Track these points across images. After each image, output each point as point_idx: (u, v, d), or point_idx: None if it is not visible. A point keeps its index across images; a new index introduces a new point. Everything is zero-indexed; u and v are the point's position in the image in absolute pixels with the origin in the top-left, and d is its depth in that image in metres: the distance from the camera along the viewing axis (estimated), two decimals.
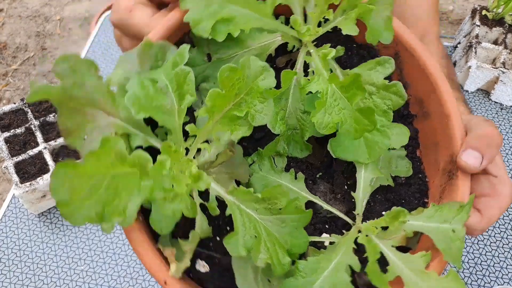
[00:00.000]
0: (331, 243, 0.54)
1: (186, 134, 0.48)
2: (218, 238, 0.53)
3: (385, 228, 0.56)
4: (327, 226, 0.56)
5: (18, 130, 0.96)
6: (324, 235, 0.55)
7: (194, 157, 0.48)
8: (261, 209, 0.46)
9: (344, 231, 0.56)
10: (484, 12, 1.19)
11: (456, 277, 0.48)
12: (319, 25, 0.57)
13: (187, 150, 0.48)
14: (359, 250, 0.54)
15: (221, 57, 0.54)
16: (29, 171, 0.92)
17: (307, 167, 0.58)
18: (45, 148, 0.93)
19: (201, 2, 0.50)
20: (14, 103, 1.00)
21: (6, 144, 0.94)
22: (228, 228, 0.54)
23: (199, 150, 0.49)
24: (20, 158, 0.92)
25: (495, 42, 1.16)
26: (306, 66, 0.57)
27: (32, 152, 0.93)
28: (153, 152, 0.46)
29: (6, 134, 0.95)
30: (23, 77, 2.45)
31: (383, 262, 0.55)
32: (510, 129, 1.10)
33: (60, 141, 0.94)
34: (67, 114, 0.44)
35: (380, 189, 0.59)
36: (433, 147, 0.63)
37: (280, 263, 0.45)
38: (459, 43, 1.24)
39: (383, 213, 0.58)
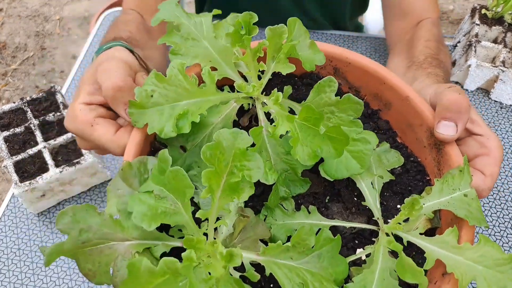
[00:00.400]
0: (367, 255, 0.56)
1: (197, 222, 0.50)
2: None
3: (406, 220, 0.58)
4: (357, 242, 0.59)
5: (18, 129, 0.95)
6: (358, 250, 0.57)
7: (214, 238, 0.51)
8: (296, 255, 0.48)
9: (373, 238, 0.59)
10: (483, 11, 1.18)
11: (487, 240, 0.51)
12: (260, 78, 0.62)
13: (206, 235, 0.50)
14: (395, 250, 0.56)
15: (194, 143, 0.58)
16: (28, 170, 0.91)
17: (314, 197, 0.61)
18: (44, 147, 0.92)
19: (153, 114, 0.55)
20: (14, 102, 1.00)
21: (6, 143, 0.93)
22: (272, 285, 0.55)
23: (215, 229, 0.51)
24: (19, 157, 0.91)
25: (495, 41, 1.16)
26: (268, 114, 0.61)
27: (31, 151, 0.92)
28: (178, 251, 0.48)
29: (6, 133, 0.95)
30: (23, 77, 2.44)
31: (419, 252, 0.57)
32: (510, 128, 1.08)
33: (60, 140, 0.94)
34: (85, 259, 0.48)
35: (384, 186, 0.62)
36: (409, 129, 0.67)
37: None
38: (458, 42, 1.23)
39: (398, 206, 0.61)
